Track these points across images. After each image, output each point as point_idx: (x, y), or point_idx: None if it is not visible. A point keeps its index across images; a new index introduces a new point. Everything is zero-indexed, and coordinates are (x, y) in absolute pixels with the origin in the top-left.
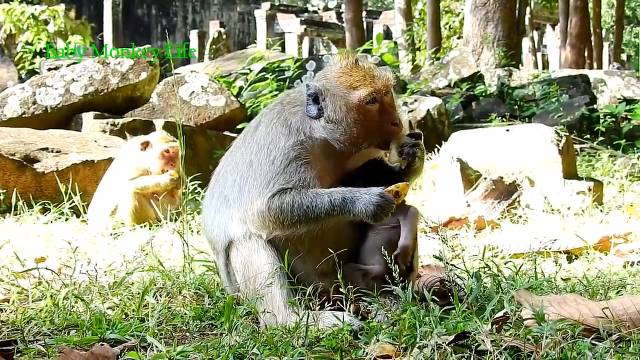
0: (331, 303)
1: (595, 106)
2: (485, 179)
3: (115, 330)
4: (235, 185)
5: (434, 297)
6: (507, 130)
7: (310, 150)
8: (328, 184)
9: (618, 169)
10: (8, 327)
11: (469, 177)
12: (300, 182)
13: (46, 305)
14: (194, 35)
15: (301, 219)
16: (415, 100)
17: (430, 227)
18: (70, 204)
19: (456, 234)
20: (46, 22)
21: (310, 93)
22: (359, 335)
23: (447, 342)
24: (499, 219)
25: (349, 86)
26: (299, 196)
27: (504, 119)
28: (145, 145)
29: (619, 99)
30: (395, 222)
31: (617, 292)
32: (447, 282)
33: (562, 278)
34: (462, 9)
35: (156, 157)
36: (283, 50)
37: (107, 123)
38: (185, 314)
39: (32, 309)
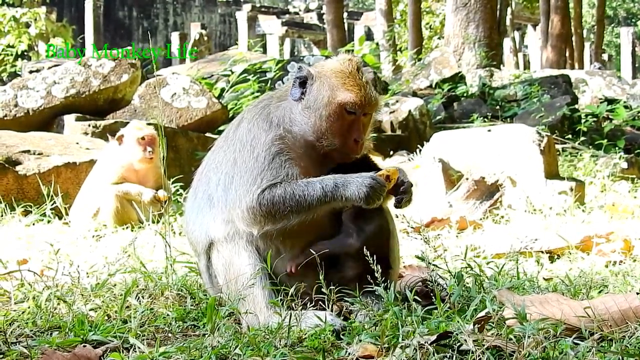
0: (313, 303)
1: (576, 106)
2: (467, 179)
3: (97, 331)
4: (220, 184)
5: (416, 297)
6: (489, 130)
7: (292, 147)
8: None
9: (600, 168)
10: None
11: (451, 178)
12: (287, 177)
13: (28, 307)
14: (175, 37)
15: (293, 209)
16: (397, 101)
17: (412, 228)
18: (52, 206)
19: (438, 234)
20: (27, 25)
21: (300, 75)
22: (341, 336)
23: (429, 342)
24: (481, 219)
25: (342, 84)
26: (290, 187)
27: (485, 119)
28: (120, 139)
29: (601, 99)
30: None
31: (599, 292)
32: (429, 282)
33: (544, 278)
34: (443, 10)
35: (133, 145)
36: (264, 51)
37: (89, 125)
38: (168, 315)
39: (14, 310)
